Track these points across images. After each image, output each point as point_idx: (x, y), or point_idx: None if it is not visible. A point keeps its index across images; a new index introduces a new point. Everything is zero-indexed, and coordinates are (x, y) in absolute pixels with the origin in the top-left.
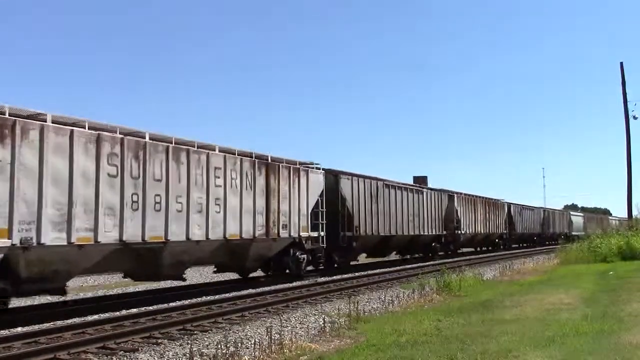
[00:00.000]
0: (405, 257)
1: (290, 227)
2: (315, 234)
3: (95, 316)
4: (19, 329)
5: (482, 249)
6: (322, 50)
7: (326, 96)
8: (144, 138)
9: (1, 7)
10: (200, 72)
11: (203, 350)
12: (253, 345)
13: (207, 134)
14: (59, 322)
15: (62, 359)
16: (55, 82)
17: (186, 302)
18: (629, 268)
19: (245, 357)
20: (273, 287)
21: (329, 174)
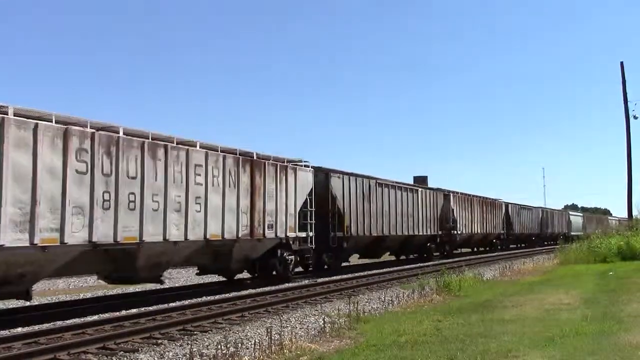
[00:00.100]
0: (400, 258)
1: (277, 227)
2: (303, 235)
3: (95, 316)
4: (19, 329)
5: (480, 250)
6: (322, 50)
7: (326, 96)
8: (118, 133)
9: (1, 7)
10: (200, 72)
11: (203, 351)
12: (253, 346)
13: (207, 134)
14: (59, 322)
15: (62, 359)
16: (56, 82)
17: (186, 302)
18: (629, 268)
19: (245, 357)
20: (259, 290)
21: (318, 172)
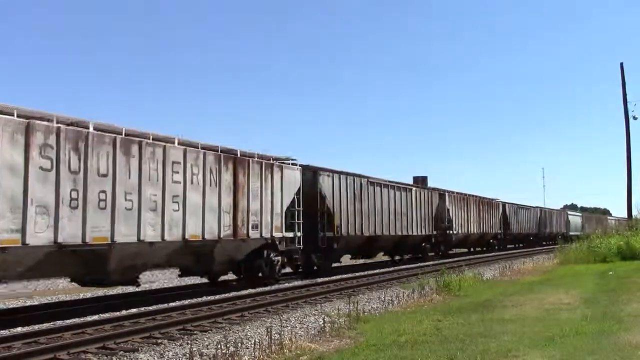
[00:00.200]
0: (394, 258)
1: (262, 227)
2: (290, 235)
3: (95, 316)
4: (19, 329)
5: (476, 250)
6: (322, 50)
7: (326, 96)
8: (88, 128)
9: (1, 7)
10: (200, 72)
11: (203, 350)
12: (253, 345)
13: (207, 134)
14: (59, 322)
15: (62, 359)
16: (56, 82)
17: (186, 302)
18: (629, 268)
19: (245, 357)
20: (259, 290)
21: (307, 171)
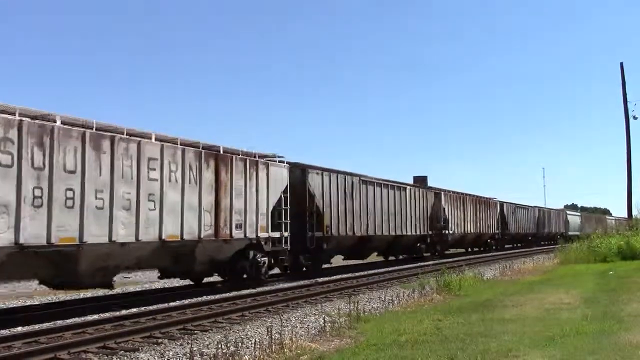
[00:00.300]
0: (388, 259)
1: (246, 227)
2: (277, 235)
3: (95, 316)
4: (19, 329)
5: (474, 250)
6: (322, 50)
7: (326, 96)
8: (55, 122)
9: (1, 7)
10: (200, 72)
11: (203, 350)
12: (253, 345)
13: (207, 134)
14: (59, 322)
15: (62, 359)
16: (56, 82)
17: (186, 301)
18: (629, 268)
19: (246, 356)
20: (259, 290)
21: (295, 168)
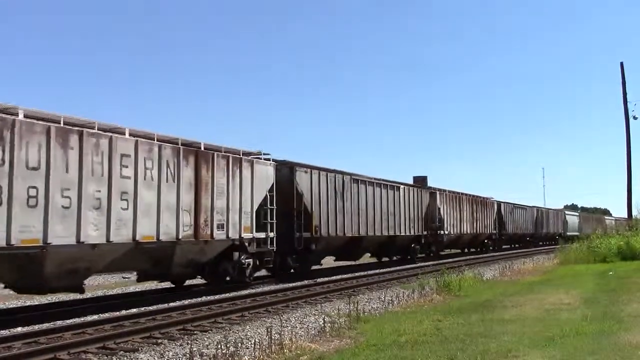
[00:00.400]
0: (382, 260)
1: (229, 228)
2: (262, 235)
3: (95, 316)
4: (19, 329)
5: (470, 251)
6: (322, 50)
7: (326, 96)
8: (17, 115)
9: (1, 7)
10: (200, 72)
11: (203, 350)
12: (253, 345)
13: (208, 134)
14: (59, 322)
15: (62, 359)
16: (56, 82)
17: (186, 302)
18: (629, 268)
19: (246, 357)
20: (259, 290)
21: (282, 166)
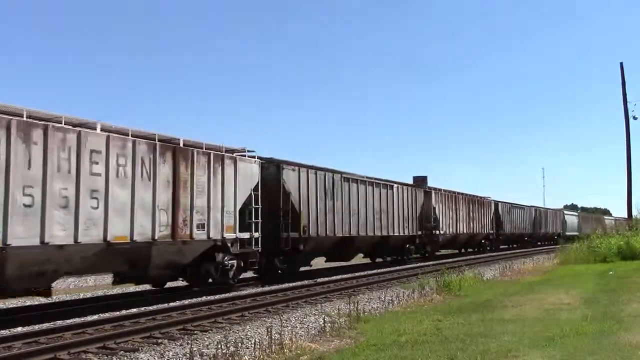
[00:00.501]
0: (375, 260)
1: (210, 227)
2: (246, 236)
3: (95, 316)
4: (19, 329)
5: (467, 251)
6: (322, 50)
7: (326, 96)
8: None
9: (1, 7)
10: (200, 72)
11: (203, 350)
12: (253, 345)
13: (208, 134)
14: (59, 322)
15: (62, 359)
16: (56, 82)
17: (186, 301)
18: (629, 268)
19: (246, 357)
20: (259, 290)
21: (268, 164)
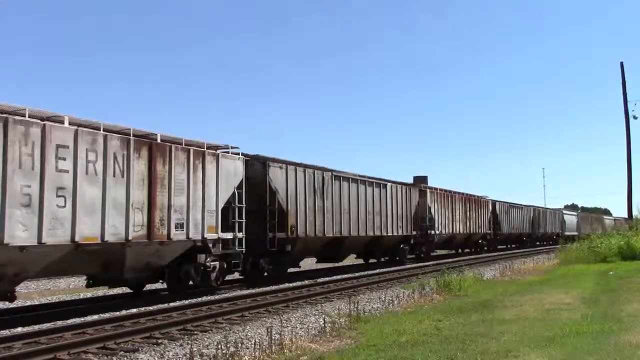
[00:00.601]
0: (369, 261)
1: (190, 227)
2: (229, 236)
3: (95, 316)
4: (19, 329)
5: (464, 251)
6: (322, 50)
7: (326, 96)
8: None
9: (1, 7)
10: (200, 72)
11: (203, 351)
12: (253, 346)
13: (208, 134)
14: (59, 322)
15: (62, 359)
16: (56, 82)
17: (186, 302)
18: (629, 268)
19: (246, 357)
20: (259, 290)
21: (254, 161)
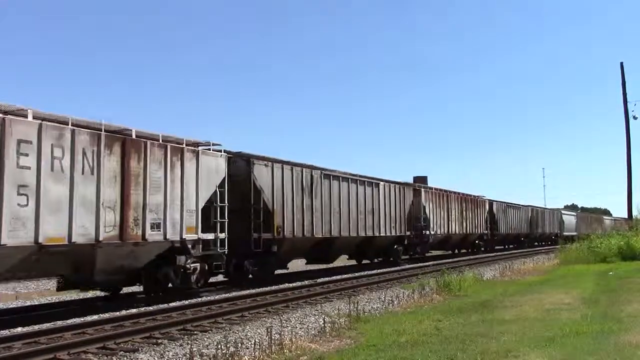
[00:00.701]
0: (362, 262)
1: (167, 228)
2: (210, 237)
3: (95, 316)
4: (19, 329)
5: (460, 252)
6: (322, 51)
7: (326, 96)
8: None
9: (1, 7)
10: (200, 72)
11: (203, 351)
12: (253, 346)
13: (208, 134)
14: (59, 322)
15: (62, 359)
16: (56, 82)
17: (186, 302)
18: (629, 268)
19: (246, 357)
20: (259, 290)
21: (237, 159)
